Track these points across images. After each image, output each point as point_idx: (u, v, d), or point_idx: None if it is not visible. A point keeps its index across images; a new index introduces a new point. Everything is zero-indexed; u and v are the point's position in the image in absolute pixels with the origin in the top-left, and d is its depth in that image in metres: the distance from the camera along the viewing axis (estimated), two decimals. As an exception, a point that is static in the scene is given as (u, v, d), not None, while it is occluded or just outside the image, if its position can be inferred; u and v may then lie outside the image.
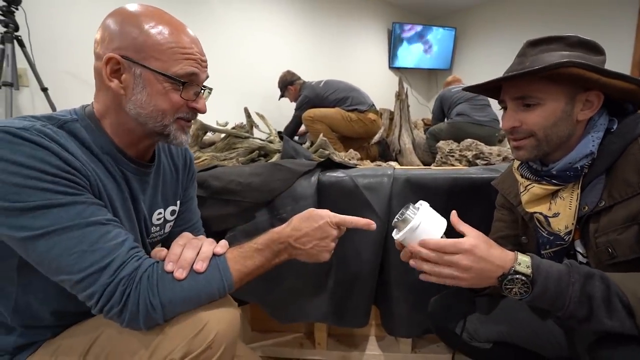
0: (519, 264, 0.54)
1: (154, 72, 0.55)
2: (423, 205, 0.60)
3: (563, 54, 0.61)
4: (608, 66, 0.60)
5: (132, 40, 0.54)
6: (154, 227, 0.71)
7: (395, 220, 0.60)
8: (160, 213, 0.71)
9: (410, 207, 0.59)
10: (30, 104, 2.06)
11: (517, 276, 0.54)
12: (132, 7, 0.57)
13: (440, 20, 4.66)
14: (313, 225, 0.62)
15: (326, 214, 0.63)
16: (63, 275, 0.48)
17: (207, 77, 0.62)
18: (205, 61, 0.61)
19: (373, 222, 0.65)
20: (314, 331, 1.25)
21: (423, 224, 0.57)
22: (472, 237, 0.56)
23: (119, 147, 0.60)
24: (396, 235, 0.60)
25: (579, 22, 3.47)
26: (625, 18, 3.20)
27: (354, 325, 1.14)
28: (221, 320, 0.54)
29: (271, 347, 1.27)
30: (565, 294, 0.52)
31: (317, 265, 0.68)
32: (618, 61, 3.20)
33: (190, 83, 0.58)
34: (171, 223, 0.75)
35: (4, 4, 1.72)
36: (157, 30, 0.54)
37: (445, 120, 2.66)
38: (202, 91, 0.62)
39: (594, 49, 0.63)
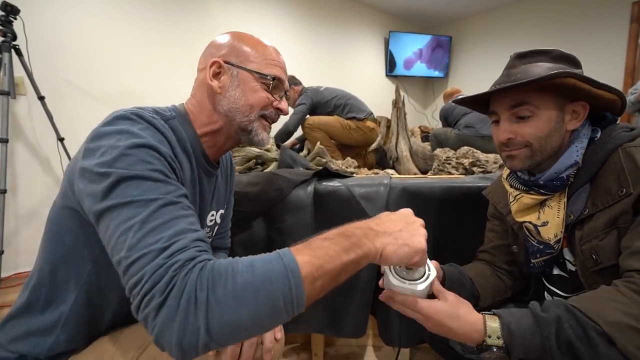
0: (489, 336, 0.52)
1: (249, 71, 0.65)
2: (432, 275, 0.57)
3: (549, 66, 0.64)
4: (601, 74, 0.63)
5: (234, 49, 0.66)
6: (206, 229, 0.73)
7: (396, 275, 0.56)
8: (212, 215, 0.74)
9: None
10: (27, 112, 2.06)
11: (494, 350, 0.52)
12: (232, 33, 0.69)
13: (436, 29, 4.72)
14: (397, 213, 0.55)
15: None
16: (123, 252, 0.43)
17: (288, 88, 0.72)
18: (286, 73, 0.71)
19: None
20: (311, 342, 1.24)
21: (425, 291, 0.56)
22: (437, 306, 0.54)
23: (203, 149, 0.66)
24: (398, 284, 0.55)
25: (573, 30, 3.53)
26: (617, 27, 3.25)
27: (351, 336, 1.13)
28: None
29: (268, 358, 1.25)
30: (544, 348, 0.50)
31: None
32: (611, 69, 3.24)
33: (277, 83, 0.67)
34: (217, 227, 0.78)
35: (3, 13, 1.73)
36: (253, 43, 0.67)
37: (452, 129, 2.61)
38: (285, 94, 0.71)
39: (574, 62, 0.66)
